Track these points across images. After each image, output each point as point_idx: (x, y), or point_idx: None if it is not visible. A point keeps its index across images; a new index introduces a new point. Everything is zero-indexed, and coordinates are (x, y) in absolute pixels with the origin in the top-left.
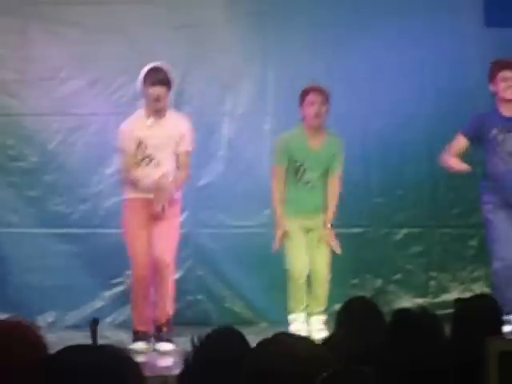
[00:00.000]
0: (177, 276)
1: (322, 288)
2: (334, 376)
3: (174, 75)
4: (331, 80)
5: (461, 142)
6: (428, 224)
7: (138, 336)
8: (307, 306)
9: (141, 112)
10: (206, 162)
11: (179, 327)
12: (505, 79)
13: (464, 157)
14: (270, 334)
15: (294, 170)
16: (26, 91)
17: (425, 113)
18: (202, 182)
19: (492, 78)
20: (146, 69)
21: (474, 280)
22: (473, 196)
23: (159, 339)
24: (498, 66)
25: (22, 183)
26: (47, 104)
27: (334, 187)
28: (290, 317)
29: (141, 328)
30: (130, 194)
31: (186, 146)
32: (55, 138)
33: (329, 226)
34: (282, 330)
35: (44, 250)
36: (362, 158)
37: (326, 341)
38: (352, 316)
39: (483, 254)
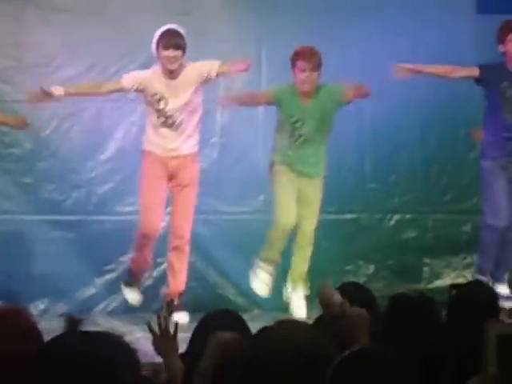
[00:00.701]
0: None
1: (306, 250)
2: (352, 356)
3: None
4: (325, 65)
5: (472, 69)
6: (421, 210)
7: (132, 276)
8: (290, 273)
9: (157, 69)
10: (200, 149)
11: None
12: None
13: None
14: (262, 320)
15: (290, 126)
16: (20, 77)
17: (418, 99)
18: None
19: (502, 39)
20: (160, 31)
21: (467, 266)
22: (466, 182)
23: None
24: (508, 27)
25: (16, 170)
26: None
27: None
28: (260, 263)
29: (135, 266)
30: (150, 147)
31: (214, 65)
32: (49, 124)
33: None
34: (274, 316)
35: (37, 236)
36: (356, 144)
37: (316, 322)
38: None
39: (476, 241)
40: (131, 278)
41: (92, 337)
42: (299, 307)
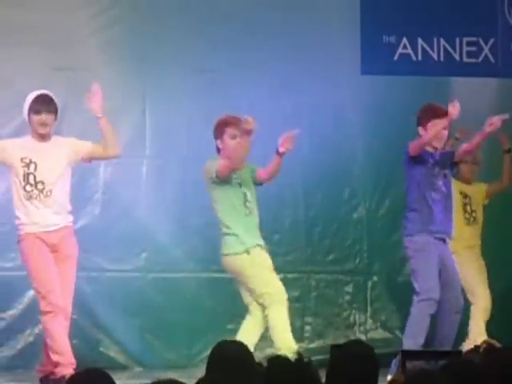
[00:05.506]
0: None
1: None
2: None
3: None
4: (210, 125)
5: None
6: (304, 269)
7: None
8: None
9: (27, 137)
10: (82, 206)
11: None
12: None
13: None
14: (143, 378)
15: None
16: None
17: (302, 157)
18: (77, 225)
19: (422, 122)
20: (32, 96)
21: (349, 326)
22: (349, 242)
23: None
24: (430, 113)
25: None
26: None
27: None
28: None
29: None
30: (25, 229)
31: (84, 143)
32: None
33: None
34: (155, 374)
35: None
36: None
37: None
38: (224, 359)
39: (358, 300)
40: None
41: None
42: None
